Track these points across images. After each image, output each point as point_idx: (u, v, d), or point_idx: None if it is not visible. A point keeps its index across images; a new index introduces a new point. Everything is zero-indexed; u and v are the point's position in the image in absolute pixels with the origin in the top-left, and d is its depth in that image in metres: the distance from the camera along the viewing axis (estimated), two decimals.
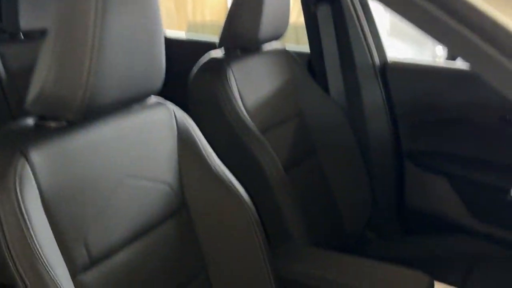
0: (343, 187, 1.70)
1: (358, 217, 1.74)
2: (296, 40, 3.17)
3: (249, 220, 1.13)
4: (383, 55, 1.83)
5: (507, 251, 1.56)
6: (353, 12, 1.77)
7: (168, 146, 1.07)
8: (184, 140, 1.10)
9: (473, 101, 1.71)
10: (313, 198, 1.61)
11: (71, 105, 0.85)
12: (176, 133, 1.09)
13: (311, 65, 1.87)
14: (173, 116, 1.09)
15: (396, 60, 1.84)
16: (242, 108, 1.44)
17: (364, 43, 1.79)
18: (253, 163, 1.37)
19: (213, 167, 1.11)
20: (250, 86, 1.51)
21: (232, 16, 1.46)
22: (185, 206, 1.10)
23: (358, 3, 1.78)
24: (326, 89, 1.83)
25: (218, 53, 1.52)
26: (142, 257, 1.00)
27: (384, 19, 2.38)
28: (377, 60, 1.81)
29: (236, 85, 1.45)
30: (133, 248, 0.99)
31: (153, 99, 1.08)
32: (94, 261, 0.91)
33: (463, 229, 1.74)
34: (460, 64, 1.75)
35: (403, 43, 2.83)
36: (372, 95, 1.81)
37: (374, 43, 1.81)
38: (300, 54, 1.84)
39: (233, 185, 1.12)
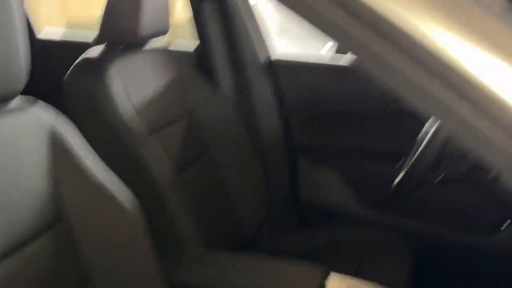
0: (238, 185, 1.68)
1: (255, 213, 1.73)
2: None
3: (135, 227, 1.07)
4: (269, 52, 1.85)
5: (398, 238, 1.63)
6: (237, 10, 1.76)
7: (38, 153, 0.97)
8: (57, 146, 1.01)
9: (357, 95, 1.77)
10: (208, 198, 1.57)
11: None
12: (47, 139, 1.00)
13: (201, 62, 1.84)
14: (44, 120, 1.00)
15: (282, 57, 1.87)
16: (128, 109, 1.36)
17: (250, 40, 1.79)
18: (141, 166, 1.31)
19: (93, 174, 1.03)
20: (136, 84, 1.44)
21: (110, 11, 1.38)
22: (63, 217, 1.02)
23: (242, 1, 1.78)
24: (217, 85, 1.80)
25: (96, 50, 1.43)
26: (17, 275, 0.91)
27: (272, 19, 2.41)
28: (264, 57, 1.83)
29: (121, 83, 1.37)
30: (4, 266, 0.89)
31: (19, 101, 0.98)
32: None
33: (355, 219, 1.80)
34: (345, 59, 1.81)
35: (290, 42, 2.90)
36: (262, 91, 1.82)
37: (261, 41, 1.82)
38: (185, 53, 1.81)
39: (117, 191, 1.05)
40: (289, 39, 2.81)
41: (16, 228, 0.91)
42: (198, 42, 1.84)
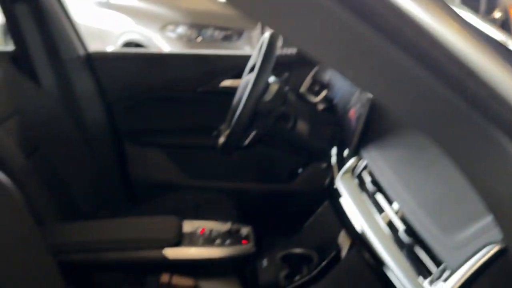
0: (74, 177, 1.79)
1: (93, 200, 1.86)
2: None
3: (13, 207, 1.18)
4: (85, 47, 2.00)
5: (221, 196, 1.94)
6: (51, 9, 1.87)
7: None
8: None
9: (170, 80, 2.04)
10: (48, 196, 1.64)
11: None
12: None
13: (19, 62, 1.88)
14: None
15: (98, 51, 2.03)
16: None
17: (67, 37, 1.92)
18: None
19: None
20: None
21: None
22: None
23: (55, 0, 1.89)
24: (39, 84, 1.88)
25: None
26: None
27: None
28: (81, 51, 1.97)
29: None
30: None
31: None
32: None
33: (183, 188, 2.06)
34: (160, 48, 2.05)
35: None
36: (83, 85, 1.96)
37: (77, 37, 1.95)
38: (2, 53, 1.85)
39: None
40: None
41: None
42: (13, 42, 1.89)
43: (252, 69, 1.76)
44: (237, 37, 4.30)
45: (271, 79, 1.60)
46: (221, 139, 1.64)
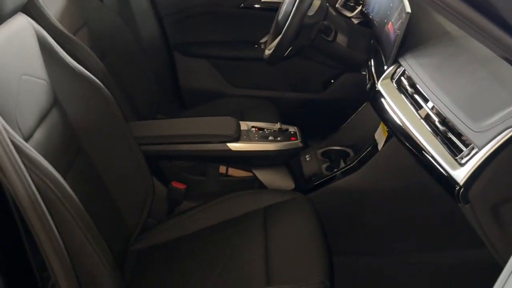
0: (134, 83, 2.00)
1: (150, 105, 2.11)
2: None
3: (110, 107, 1.43)
4: None
5: (265, 102, 2.18)
6: None
7: (33, 54, 1.26)
8: (45, 48, 1.30)
9: None
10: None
11: None
12: (36, 42, 1.29)
13: None
14: (33, 28, 1.28)
15: None
16: None
17: None
18: None
19: (76, 68, 1.36)
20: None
21: None
22: (58, 102, 1.34)
23: None
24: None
25: None
26: (42, 143, 1.20)
27: None
28: None
29: None
30: (35, 134, 1.19)
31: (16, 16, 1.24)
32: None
33: (227, 96, 2.30)
34: None
35: None
36: (138, 1, 2.14)
37: None
38: None
39: (96, 81, 1.39)
40: None
41: (37, 102, 1.21)
42: None
43: None
44: None
45: None
46: (268, 51, 1.84)
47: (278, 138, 1.67)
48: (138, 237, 1.49)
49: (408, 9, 1.42)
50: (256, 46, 2.23)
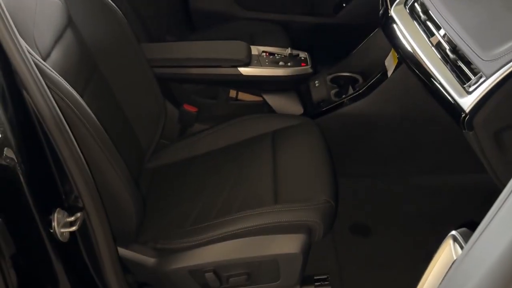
0: (143, 3, 1.99)
1: (160, 26, 2.10)
2: None
3: (125, 33, 1.44)
4: None
5: (275, 26, 2.17)
6: None
7: None
8: None
9: None
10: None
11: None
12: None
13: None
14: None
15: None
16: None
17: None
18: None
19: None
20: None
21: None
22: (72, 22, 1.35)
23: None
24: None
25: None
26: (61, 60, 1.23)
27: None
28: None
29: None
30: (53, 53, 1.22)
31: None
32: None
33: (238, 17, 2.28)
34: None
35: None
36: None
37: None
38: None
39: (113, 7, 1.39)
40: None
41: (52, 25, 1.22)
42: None
43: None
44: None
45: None
46: None
47: (289, 64, 1.69)
48: (151, 157, 1.55)
49: None
50: None
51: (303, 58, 1.73)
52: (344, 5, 2.27)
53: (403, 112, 1.61)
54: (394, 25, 1.39)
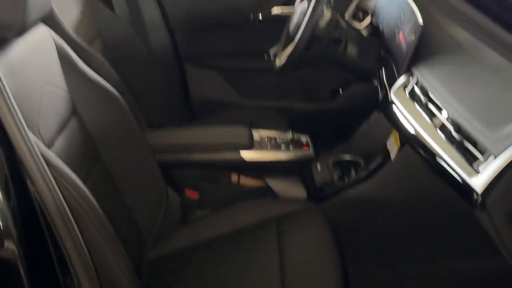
0: (146, 93, 2.03)
1: (161, 114, 2.13)
2: None
3: (127, 117, 1.45)
4: None
5: (274, 112, 2.21)
6: None
7: (53, 64, 1.29)
8: (64, 59, 1.33)
9: (226, 8, 2.25)
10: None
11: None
12: (56, 53, 1.32)
13: None
14: (52, 40, 1.31)
15: None
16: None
17: None
18: None
19: (95, 79, 1.38)
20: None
21: None
22: (77, 111, 1.36)
23: None
24: (112, 10, 2.10)
25: None
26: (63, 150, 1.23)
27: None
28: None
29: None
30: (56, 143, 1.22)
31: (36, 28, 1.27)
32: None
33: (237, 106, 2.32)
34: None
35: None
36: (150, 12, 2.17)
37: None
38: None
39: (114, 92, 1.41)
40: None
41: (57, 114, 1.24)
42: None
43: None
44: None
45: None
46: (279, 61, 1.87)
47: (291, 147, 1.69)
48: (152, 245, 1.50)
49: (421, 22, 1.45)
50: (266, 57, 2.26)
51: (304, 142, 1.73)
52: (340, 91, 2.32)
53: (407, 196, 1.59)
54: (396, 109, 1.41)
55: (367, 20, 2.08)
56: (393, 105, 1.42)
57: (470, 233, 1.49)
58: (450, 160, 1.13)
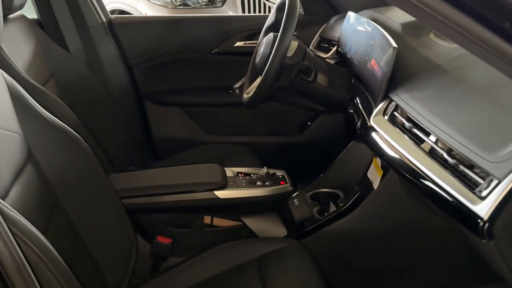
0: (105, 135, 1.89)
1: (123, 156, 2.00)
2: None
3: (88, 159, 1.33)
4: (107, 14, 2.10)
5: (243, 148, 2.11)
6: None
7: (4, 106, 1.16)
8: (17, 100, 1.20)
9: (186, 42, 2.17)
10: None
11: None
12: (8, 94, 1.19)
13: (48, 29, 1.97)
14: (3, 79, 1.19)
15: (119, 16, 2.14)
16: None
17: (90, 4, 2.02)
18: None
19: (52, 121, 1.25)
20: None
21: None
22: (32, 156, 1.22)
23: None
24: (65, 49, 1.98)
25: None
26: (16, 201, 1.09)
27: None
28: (103, 18, 2.07)
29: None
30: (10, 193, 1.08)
31: None
32: None
33: (202, 143, 2.22)
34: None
35: None
36: (106, 50, 2.07)
37: (99, 4, 2.06)
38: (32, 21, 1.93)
39: (72, 133, 1.29)
40: None
41: (11, 161, 1.11)
42: (38, 11, 1.97)
43: (270, 29, 1.90)
44: (221, 3, 4.40)
45: None
46: (247, 95, 1.79)
47: (267, 183, 1.60)
48: None
49: (394, 44, 1.40)
50: (230, 91, 2.18)
51: (280, 176, 1.64)
52: (309, 123, 2.26)
53: (392, 226, 1.52)
54: (376, 135, 1.34)
55: (333, 49, 2.04)
56: (374, 132, 1.36)
57: (458, 263, 1.42)
58: (447, 187, 1.06)
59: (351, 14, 1.89)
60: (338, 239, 1.59)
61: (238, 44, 2.19)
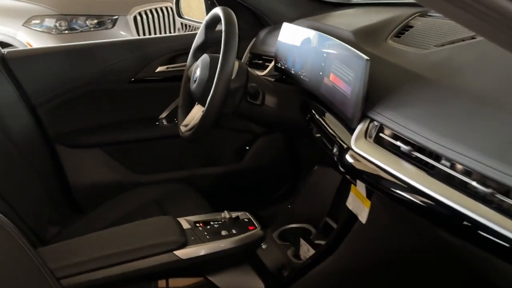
0: (15, 194, 1.54)
1: (40, 217, 1.64)
2: None
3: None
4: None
5: (180, 185, 1.83)
6: None
7: None
8: None
9: (98, 72, 1.85)
10: None
11: None
12: None
13: None
14: None
15: (13, 50, 1.77)
16: None
17: None
18: None
19: None
20: None
21: None
22: None
23: None
24: None
25: None
26: None
27: None
28: None
29: None
30: None
31: None
32: None
33: (132, 185, 1.90)
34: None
35: None
36: (2, 90, 1.69)
37: None
38: None
39: None
40: None
41: None
42: None
43: (199, 49, 1.67)
44: (112, 24, 4.04)
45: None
46: (185, 127, 1.54)
47: (233, 231, 1.35)
48: None
49: (365, 56, 1.22)
50: (157, 122, 1.90)
51: (246, 220, 1.40)
52: (247, 148, 2.04)
53: (385, 256, 1.34)
54: (367, 162, 1.15)
55: (271, 65, 1.84)
56: (362, 159, 1.17)
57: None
58: (485, 221, 0.89)
59: (286, 25, 1.71)
60: (327, 282, 1.38)
61: (160, 69, 1.91)
